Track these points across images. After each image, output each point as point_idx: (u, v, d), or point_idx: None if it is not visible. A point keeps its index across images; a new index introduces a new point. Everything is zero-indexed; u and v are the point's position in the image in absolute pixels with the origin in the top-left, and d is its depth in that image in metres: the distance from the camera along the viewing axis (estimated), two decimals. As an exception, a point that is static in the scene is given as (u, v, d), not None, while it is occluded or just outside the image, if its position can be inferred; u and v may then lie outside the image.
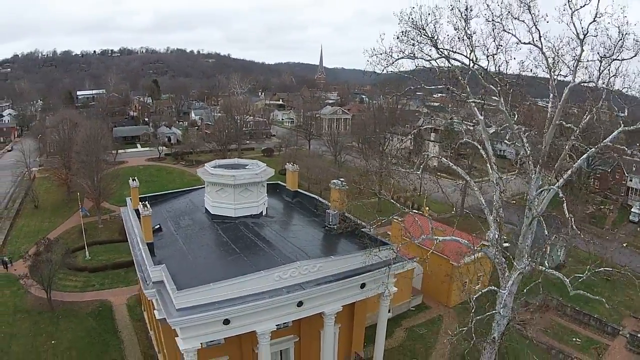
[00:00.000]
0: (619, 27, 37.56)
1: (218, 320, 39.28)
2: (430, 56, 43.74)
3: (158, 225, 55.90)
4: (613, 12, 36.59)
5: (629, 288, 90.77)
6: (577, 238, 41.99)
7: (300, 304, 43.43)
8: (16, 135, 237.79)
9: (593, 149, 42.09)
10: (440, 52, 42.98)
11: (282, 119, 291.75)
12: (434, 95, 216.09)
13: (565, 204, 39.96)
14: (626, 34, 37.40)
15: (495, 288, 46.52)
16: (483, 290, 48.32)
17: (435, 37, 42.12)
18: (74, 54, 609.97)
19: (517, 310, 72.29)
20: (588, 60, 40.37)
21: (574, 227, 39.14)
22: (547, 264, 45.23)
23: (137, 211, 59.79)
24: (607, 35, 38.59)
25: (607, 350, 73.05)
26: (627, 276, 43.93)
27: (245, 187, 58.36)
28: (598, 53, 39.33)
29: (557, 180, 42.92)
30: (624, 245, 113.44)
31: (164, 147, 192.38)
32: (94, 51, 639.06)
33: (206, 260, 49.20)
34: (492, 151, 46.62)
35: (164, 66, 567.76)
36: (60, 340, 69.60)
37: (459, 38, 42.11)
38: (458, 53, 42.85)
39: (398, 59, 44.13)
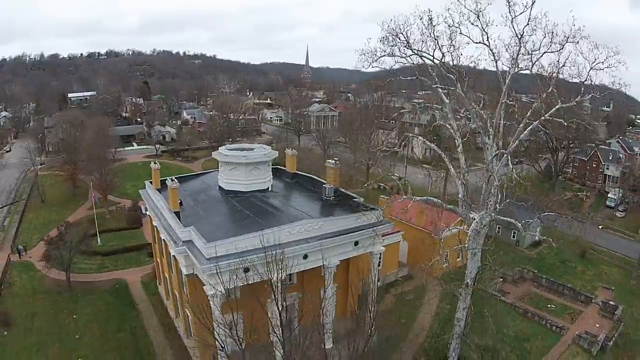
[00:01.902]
0: (542, 28, 48.53)
1: (240, 268, 47.36)
2: (405, 54, 54.47)
3: (179, 201, 63.46)
4: (540, 18, 48.10)
5: (602, 264, 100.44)
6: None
7: (305, 256, 51.93)
8: (12, 137, 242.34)
9: (535, 122, 51.89)
10: (412, 51, 53.70)
11: (271, 118, 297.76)
12: (418, 93, 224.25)
13: (510, 163, 49.71)
14: (551, 32, 48.44)
15: (463, 228, 56.32)
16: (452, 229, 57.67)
17: (408, 40, 53.05)
18: (61, 57, 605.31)
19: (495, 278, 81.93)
20: (529, 53, 50.42)
21: (515, 176, 48.72)
22: (497, 207, 54.33)
23: (159, 190, 68.63)
24: (535, 34, 49.68)
25: (581, 315, 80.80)
26: (570, 221, 53.19)
27: (254, 166, 68.15)
28: (525, 48, 50.70)
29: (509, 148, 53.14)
30: (600, 227, 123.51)
31: (160, 145, 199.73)
32: (81, 54, 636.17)
33: (225, 222, 57.53)
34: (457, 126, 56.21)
35: (151, 68, 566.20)
36: (81, 315, 75.62)
37: (422, 41, 53.09)
38: (425, 52, 53.56)
39: (381, 56, 54.92)
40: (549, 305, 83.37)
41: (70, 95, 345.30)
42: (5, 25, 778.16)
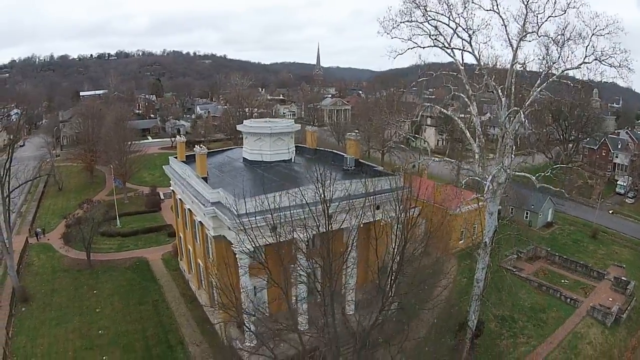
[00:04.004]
0: None
1: (268, 225, 48.52)
2: (422, 20, 56.61)
3: (205, 177, 65.24)
4: None
5: (613, 244, 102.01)
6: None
7: (329, 217, 53.03)
8: (25, 133, 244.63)
9: (547, 82, 53.97)
10: (429, 17, 55.95)
11: (284, 113, 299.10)
12: (429, 90, 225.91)
13: (525, 120, 52.57)
14: None
15: (479, 178, 58.19)
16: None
17: (425, 6, 55.48)
18: (71, 58, 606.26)
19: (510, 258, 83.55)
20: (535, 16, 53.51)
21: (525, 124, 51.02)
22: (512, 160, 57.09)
23: (184, 161, 70.64)
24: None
25: (594, 290, 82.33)
26: (579, 171, 55.84)
27: (278, 137, 70.22)
28: (531, 9, 52.91)
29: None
30: (610, 212, 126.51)
31: (175, 138, 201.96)
32: (91, 55, 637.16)
33: (252, 186, 58.68)
34: (472, 91, 58.61)
35: (161, 68, 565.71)
36: (102, 290, 77.05)
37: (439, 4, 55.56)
38: (441, 14, 55.81)
39: (400, 22, 56.61)
40: (562, 281, 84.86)
41: (81, 93, 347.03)
42: (13, 28, 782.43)
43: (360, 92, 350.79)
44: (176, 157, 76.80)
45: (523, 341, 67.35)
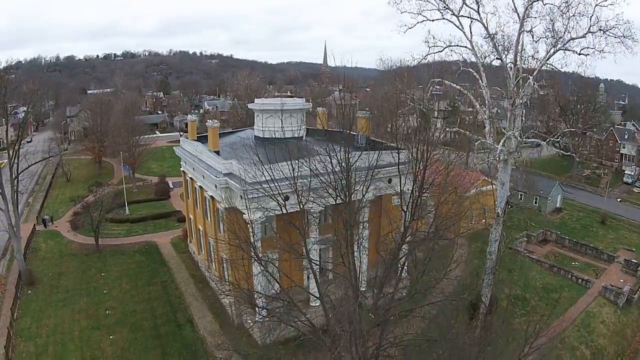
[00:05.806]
0: None
1: (280, 194, 48.05)
2: None
3: (217, 150, 65.67)
4: None
5: (621, 229, 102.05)
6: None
7: (348, 186, 52.63)
8: (32, 130, 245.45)
9: (554, 51, 54.15)
10: None
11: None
12: (437, 87, 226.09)
13: (534, 83, 53.70)
14: None
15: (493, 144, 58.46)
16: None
17: None
18: (77, 58, 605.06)
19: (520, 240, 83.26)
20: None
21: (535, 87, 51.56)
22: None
23: (195, 141, 70.94)
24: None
25: (605, 272, 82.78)
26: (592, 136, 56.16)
27: (290, 114, 70.24)
28: None
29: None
30: (618, 200, 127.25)
31: (183, 132, 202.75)
32: (97, 55, 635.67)
33: (264, 159, 58.41)
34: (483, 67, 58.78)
35: (168, 68, 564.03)
36: (110, 272, 76.99)
37: None
38: None
39: None
40: (573, 263, 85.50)
41: (89, 91, 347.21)
42: (20, 30, 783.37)
43: (368, 89, 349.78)
44: (187, 138, 76.74)
45: (536, 320, 66.90)
